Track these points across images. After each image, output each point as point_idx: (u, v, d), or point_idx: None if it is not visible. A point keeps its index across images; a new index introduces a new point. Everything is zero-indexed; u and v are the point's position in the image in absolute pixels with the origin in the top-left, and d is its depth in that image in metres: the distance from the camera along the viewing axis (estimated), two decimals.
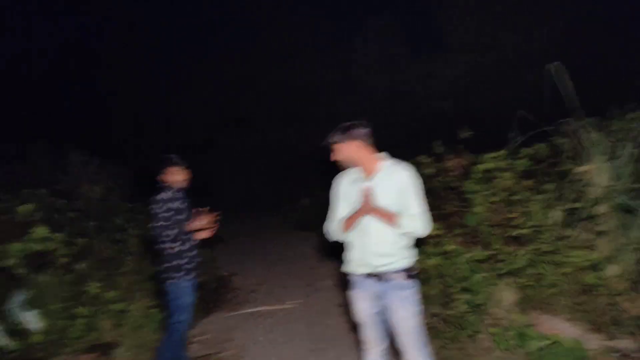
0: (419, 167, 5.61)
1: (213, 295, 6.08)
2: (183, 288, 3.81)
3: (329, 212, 3.11)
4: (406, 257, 2.93)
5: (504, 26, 14.04)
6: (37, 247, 4.64)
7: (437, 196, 5.73)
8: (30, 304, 4.47)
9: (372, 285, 2.93)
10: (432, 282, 5.00)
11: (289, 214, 13.05)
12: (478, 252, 4.36)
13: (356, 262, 2.98)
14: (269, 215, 13.99)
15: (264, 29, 19.29)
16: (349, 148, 2.95)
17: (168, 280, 3.82)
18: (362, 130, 2.97)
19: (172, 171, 3.91)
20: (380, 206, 2.83)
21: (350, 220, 2.93)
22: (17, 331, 4.22)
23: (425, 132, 12.19)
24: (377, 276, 2.91)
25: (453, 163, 5.43)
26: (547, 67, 4.35)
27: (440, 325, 4.35)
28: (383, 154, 3.05)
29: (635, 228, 4.02)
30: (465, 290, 4.26)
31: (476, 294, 4.11)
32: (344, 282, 6.46)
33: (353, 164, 2.99)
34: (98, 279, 5.18)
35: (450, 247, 4.58)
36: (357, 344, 4.44)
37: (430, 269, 4.83)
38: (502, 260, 4.26)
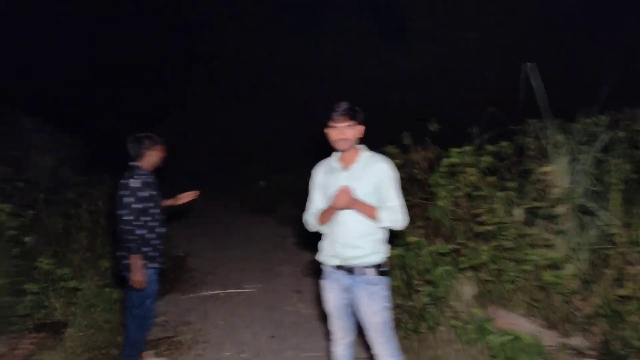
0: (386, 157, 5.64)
1: (169, 276, 5.91)
2: (147, 276, 3.56)
3: (307, 202, 3.04)
4: (378, 252, 2.87)
5: (469, 22, 14.25)
6: None
7: (401, 188, 5.77)
8: None
9: (342, 278, 2.88)
10: (394, 273, 5.05)
11: (244, 197, 12.89)
12: (441, 246, 4.41)
13: (328, 253, 2.91)
14: (225, 197, 13.79)
15: (222, 13, 18.86)
16: (355, 131, 2.83)
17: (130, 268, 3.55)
18: (363, 116, 2.89)
19: (154, 151, 3.62)
20: (360, 200, 2.76)
21: (326, 215, 2.88)
22: None
23: (387, 123, 12.30)
24: (347, 269, 2.85)
25: (419, 155, 5.47)
26: (523, 66, 4.42)
27: (402, 317, 4.41)
28: (362, 145, 2.98)
29: (591, 229, 4.19)
30: (427, 282, 4.32)
31: (438, 286, 4.17)
32: (303, 268, 6.50)
33: (348, 146, 2.84)
34: (48, 254, 4.94)
35: (414, 238, 4.62)
36: (318, 331, 4.45)
37: (393, 259, 4.87)
38: (464, 255, 4.34)
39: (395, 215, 2.83)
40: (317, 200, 2.99)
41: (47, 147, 7.23)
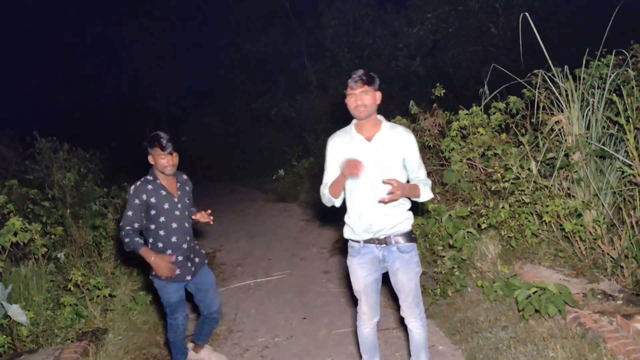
0: None
1: None
2: (164, 286, 3.36)
3: (324, 174, 2.94)
4: (407, 219, 2.85)
5: None
6: (14, 239, 4.51)
7: None
8: (14, 298, 4.38)
9: (373, 251, 2.85)
10: (417, 242, 5.08)
11: (265, 186, 13.00)
12: (460, 209, 4.42)
13: (358, 228, 2.85)
14: (246, 187, 13.92)
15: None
16: (374, 96, 2.73)
17: (150, 276, 3.41)
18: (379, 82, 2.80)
19: (152, 155, 3.26)
20: (403, 184, 2.65)
21: (337, 185, 2.79)
22: (3, 326, 4.14)
23: (396, 92, 12.20)
24: (379, 241, 2.83)
25: (429, 122, 5.44)
26: (521, 16, 4.33)
27: (428, 283, 4.44)
28: (381, 116, 2.87)
29: (609, 173, 4.13)
30: (450, 247, 4.34)
31: (461, 249, 4.18)
32: (329, 249, 6.57)
33: (368, 114, 2.73)
34: (81, 266, 5.10)
35: (433, 205, 4.63)
36: (349, 309, 4.51)
37: (414, 228, 4.89)
38: (483, 215, 4.34)
39: (429, 187, 2.84)
40: (333, 172, 2.86)
41: (66, 164, 7.41)
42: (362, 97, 2.69)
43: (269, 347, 4.06)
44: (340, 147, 2.85)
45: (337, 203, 2.93)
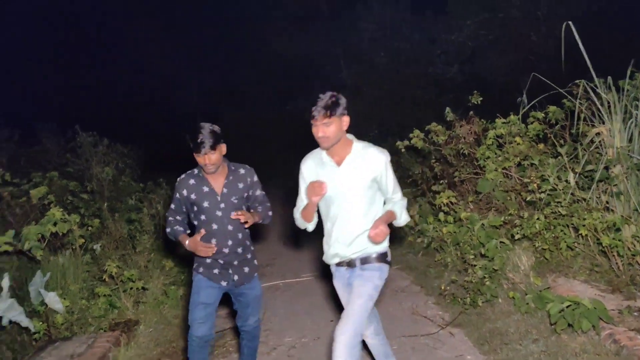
0: (429, 135, 5.60)
1: None
2: (196, 281, 3.16)
3: (297, 199, 2.90)
4: (378, 244, 2.70)
5: None
6: (53, 229, 4.66)
7: (449, 164, 5.72)
8: (51, 286, 4.53)
9: (344, 273, 2.79)
10: (447, 249, 5.04)
11: (291, 186, 13.03)
12: (494, 218, 4.36)
13: (329, 252, 2.80)
14: (279, 189, 14.00)
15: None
16: (339, 123, 2.60)
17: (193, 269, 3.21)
18: (345, 104, 2.65)
19: (199, 153, 2.93)
20: (380, 219, 2.59)
21: (308, 210, 2.76)
22: (39, 312, 4.29)
23: (432, 99, 12.10)
24: (347, 263, 2.76)
25: (464, 130, 5.38)
26: (564, 24, 4.25)
27: (458, 292, 4.39)
28: (352, 135, 2.76)
29: None
30: (481, 256, 4.28)
31: (493, 259, 4.13)
32: None
33: (332, 143, 2.63)
34: (116, 258, 5.24)
35: (465, 214, 4.58)
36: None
37: (446, 236, 4.85)
38: (517, 225, 4.27)
39: (404, 209, 2.73)
40: (305, 197, 2.80)
41: (105, 158, 7.63)
42: (324, 129, 2.57)
43: (296, 347, 4.08)
44: (312, 170, 2.78)
45: (310, 227, 2.89)
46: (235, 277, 3.15)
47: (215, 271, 3.12)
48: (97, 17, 18.17)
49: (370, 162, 2.66)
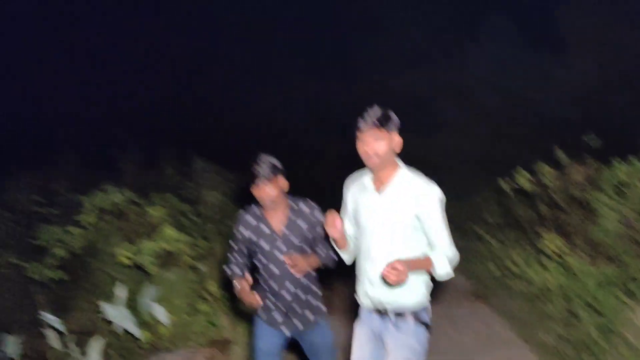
0: (539, 176, 5.33)
1: None
2: (257, 326, 2.93)
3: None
4: (417, 294, 2.35)
5: (632, 22, 12.85)
6: (167, 246, 5.02)
7: (558, 208, 5.39)
8: (159, 299, 4.85)
9: (375, 322, 2.40)
10: (554, 301, 4.71)
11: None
12: (610, 269, 4.03)
13: (359, 291, 2.47)
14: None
15: (369, 33, 19.23)
16: (390, 141, 2.24)
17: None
18: (398, 122, 2.29)
19: (255, 185, 2.68)
20: (409, 261, 2.14)
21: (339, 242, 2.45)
22: (147, 323, 4.60)
23: (544, 139, 11.49)
24: (379, 311, 2.38)
25: (578, 172, 5.06)
26: None
27: (564, 348, 4.08)
28: (401, 162, 2.37)
29: None
30: (594, 311, 3.96)
31: (606, 315, 3.79)
32: None
33: (381, 163, 2.25)
34: (217, 278, 5.51)
35: (576, 264, 4.28)
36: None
37: (553, 287, 4.56)
38: (636, 279, 3.91)
39: (447, 261, 2.28)
40: (345, 223, 2.48)
41: (213, 184, 8.10)
42: (373, 144, 2.20)
43: None
44: (355, 194, 2.47)
45: (345, 257, 2.59)
46: (299, 324, 2.86)
47: (277, 317, 2.85)
48: (210, 46, 19.19)
49: (415, 196, 2.25)
